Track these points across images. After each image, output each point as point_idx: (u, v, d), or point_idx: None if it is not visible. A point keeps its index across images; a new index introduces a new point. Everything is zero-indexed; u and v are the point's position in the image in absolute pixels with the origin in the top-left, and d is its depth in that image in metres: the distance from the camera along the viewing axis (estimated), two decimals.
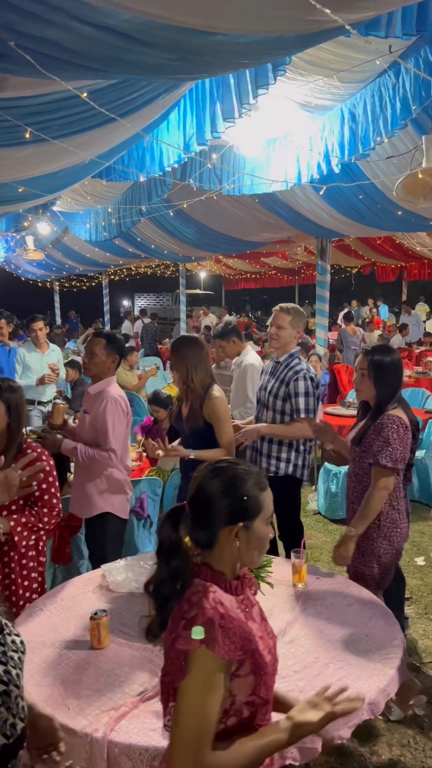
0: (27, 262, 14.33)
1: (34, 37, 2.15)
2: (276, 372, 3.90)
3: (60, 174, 4.69)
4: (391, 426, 3.04)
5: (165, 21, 2.29)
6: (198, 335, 3.86)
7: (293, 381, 3.76)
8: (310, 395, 3.75)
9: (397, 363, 3.20)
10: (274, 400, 3.85)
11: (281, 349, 3.92)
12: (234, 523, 1.52)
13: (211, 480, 1.55)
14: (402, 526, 3.19)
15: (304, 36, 2.47)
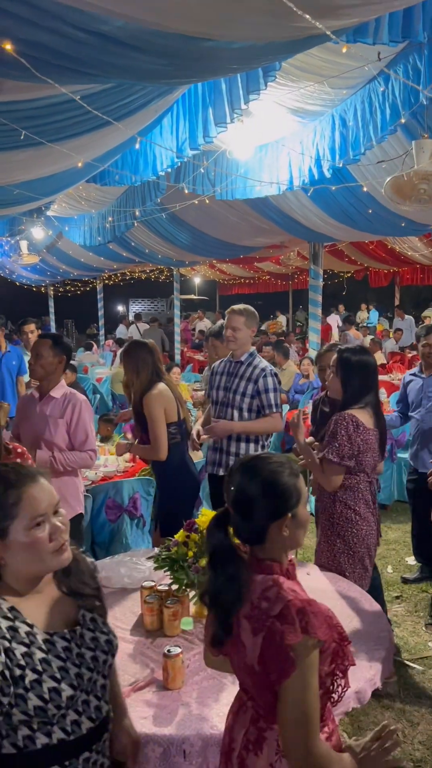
0: (22, 266, 14.37)
1: (29, 41, 2.21)
2: (238, 371, 3.97)
3: (55, 177, 4.75)
4: (341, 422, 3.05)
5: (157, 27, 2.35)
6: (146, 340, 4.01)
7: (262, 378, 3.87)
8: (276, 390, 3.90)
9: (365, 363, 3.20)
10: (241, 399, 3.91)
11: (240, 350, 4.00)
12: (282, 516, 1.57)
13: (250, 481, 1.57)
14: (361, 529, 3.14)
15: (292, 42, 2.53)
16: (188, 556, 2.64)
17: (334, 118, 5.36)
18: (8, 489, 1.44)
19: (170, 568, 2.65)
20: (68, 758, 1.40)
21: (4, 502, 1.44)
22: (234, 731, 1.66)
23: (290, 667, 1.41)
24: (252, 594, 1.53)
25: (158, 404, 3.72)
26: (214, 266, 19.03)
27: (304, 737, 1.42)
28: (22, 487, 1.45)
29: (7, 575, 1.48)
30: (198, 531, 2.68)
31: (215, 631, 1.60)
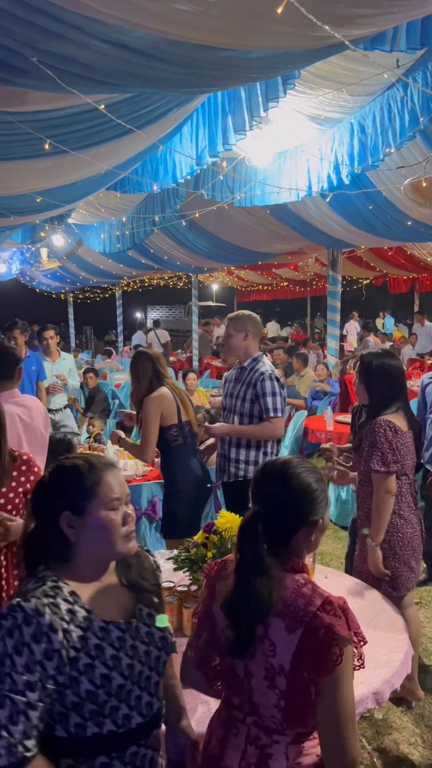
0: (42, 273, 14.55)
1: (54, 53, 2.27)
2: (242, 377, 3.92)
3: (77, 185, 4.83)
4: (378, 430, 3.02)
5: (177, 38, 2.41)
6: (148, 348, 4.08)
7: (259, 382, 3.78)
8: (276, 395, 3.78)
9: (388, 367, 3.14)
10: (241, 404, 3.85)
11: (241, 355, 3.95)
12: (313, 522, 1.60)
13: (282, 487, 1.59)
14: (405, 532, 3.12)
15: (311, 51, 2.57)
16: (208, 557, 2.66)
17: (353, 124, 5.39)
18: (90, 471, 1.53)
19: (190, 569, 2.67)
20: (116, 750, 1.43)
21: (85, 482, 1.51)
22: (226, 760, 1.58)
23: (336, 660, 1.42)
24: (284, 592, 1.52)
25: (155, 406, 3.74)
26: (232, 273, 19.08)
27: (348, 732, 1.44)
28: (102, 471, 1.54)
29: (76, 557, 1.52)
30: (217, 532, 2.71)
31: (235, 643, 1.54)
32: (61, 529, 1.49)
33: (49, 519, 1.50)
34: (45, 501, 1.52)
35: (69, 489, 1.51)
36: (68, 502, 1.50)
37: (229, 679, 1.62)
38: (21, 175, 4.16)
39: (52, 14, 2.11)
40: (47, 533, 1.51)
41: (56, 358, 6.88)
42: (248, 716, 1.56)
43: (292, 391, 8.66)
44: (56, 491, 1.52)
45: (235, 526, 2.72)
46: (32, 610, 1.35)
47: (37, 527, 1.53)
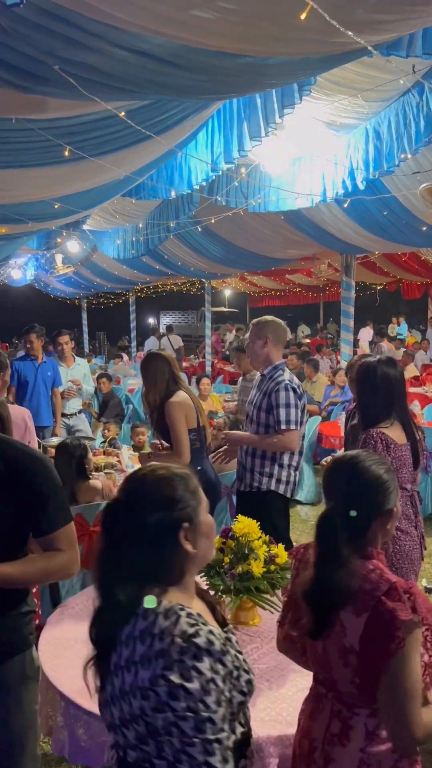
0: (57, 279, 14.65)
1: (75, 61, 2.30)
2: (260, 385, 3.83)
3: (94, 191, 4.87)
4: (369, 442, 2.95)
5: (197, 45, 2.42)
6: (161, 350, 4.01)
7: (274, 392, 3.63)
8: (291, 406, 3.61)
9: (383, 375, 3.04)
10: (257, 413, 3.74)
11: (263, 362, 3.83)
12: (387, 512, 1.67)
13: (358, 480, 1.66)
14: (403, 544, 3.03)
15: (329, 57, 2.58)
16: (225, 562, 2.66)
17: (368, 130, 5.39)
18: (186, 476, 1.45)
19: (207, 574, 2.67)
20: (237, 760, 1.37)
21: (192, 488, 1.43)
22: (312, 732, 1.71)
23: (398, 644, 1.48)
24: (355, 578, 1.60)
25: (179, 410, 3.70)
26: (245, 278, 19.10)
27: (408, 713, 1.49)
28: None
29: (187, 573, 1.41)
30: (234, 537, 2.71)
31: (312, 627, 1.65)
32: (178, 546, 1.37)
33: (165, 538, 1.37)
34: (157, 521, 1.36)
35: (183, 499, 1.39)
36: (184, 513, 1.38)
37: (312, 655, 1.74)
38: (39, 181, 4.21)
39: (74, 23, 2.14)
40: (161, 555, 1.37)
41: (71, 363, 6.91)
42: (330, 691, 1.68)
43: (305, 396, 8.66)
44: (169, 505, 1.38)
45: (252, 532, 2.72)
46: (205, 643, 1.25)
47: (144, 553, 1.36)
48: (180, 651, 1.24)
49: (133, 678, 1.26)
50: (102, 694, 1.37)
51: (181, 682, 1.21)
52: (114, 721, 1.32)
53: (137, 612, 1.31)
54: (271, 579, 2.63)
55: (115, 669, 1.30)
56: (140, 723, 1.26)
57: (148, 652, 1.26)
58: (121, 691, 1.28)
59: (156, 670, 1.23)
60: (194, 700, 1.21)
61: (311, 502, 6.99)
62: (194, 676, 1.22)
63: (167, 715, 1.22)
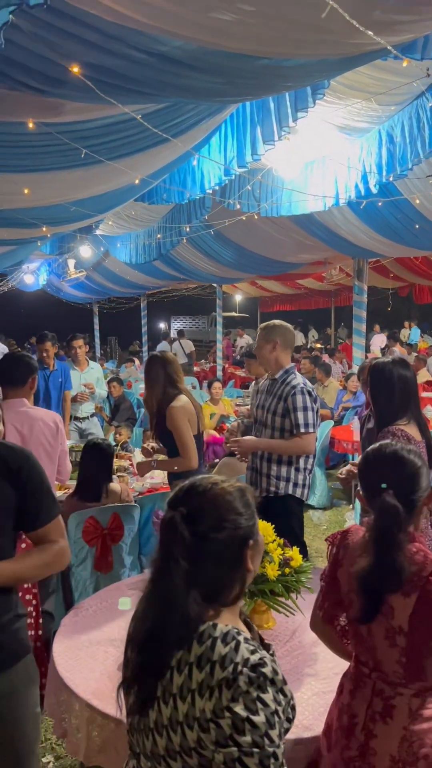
0: (69, 284, 14.72)
1: (93, 64, 2.32)
2: (273, 389, 3.80)
3: (109, 195, 4.90)
4: (388, 437, 2.93)
5: (214, 47, 2.43)
6: (163, 352, 3.97)
7: (291, 396, 3.64)
8: (308, 409, 3.64)
9: (398, 376, 3.05)
10: (273, 417, 3.73)
11: (273, 366, 3.83)
12: (430, 494, 1.81)
13: (400, 469, 1.78)
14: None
15: (346, 59, 2.58)
16: None
17: (381, 134, 5.39)
18: (248, 489, 1.39)
19: None
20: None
21: (251, 503, 1.36)
22: (354, 707, 1.77)
23: None
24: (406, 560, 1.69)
25: (183, 415, 3.67)
26: (256, 283, 19.10)
27: None
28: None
29: (244, 588, 1.35)
30: None
31: (363, 611, 1.71)
32: (242, 565, 1.31)
33: (232, 556, 1.30)
34: (227, 538, 1.29)
35: (246, 515, 1.33)
36: (248, 531, 1.32)
37: (355, 637, 1.82)
38: (55, 185, 4.24)
39: (93, 26, 2.15)
40: (226, 574, 1.30)
41: (84, 367, 6.95)
42: (373, 671, 1.75)
43: (318, 399, 8.67)
44: (237, 521, 1.31)
45: (266, 534, 2.71)
46: (271, 673, 1.19)
47: (209, 571, 1.28)
48: (248, 681, 1.17)
49: (189, 707, 1.19)
50: (140, 720, 1.30)
51: (247, 715, 1.15)
52: (157, 750, 1.24)
53: (192, 636, 1.24)
54: (286, 582, 2.62)
55: (165, 696, 1.23)
56: (193, 756, 1.19)
57: (208, 680, 1.19)
58: (172, 720, 1.21)
59: (221, 701, 1.17)
60: (260, 734, 1.15)
61: (323, 506, 6.96)
62: (260, 708, 1.16)
63: (231, 751, 1.15)
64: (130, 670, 1.32)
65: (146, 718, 1.27)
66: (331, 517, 6.76)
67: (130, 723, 1.35)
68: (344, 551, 1.86)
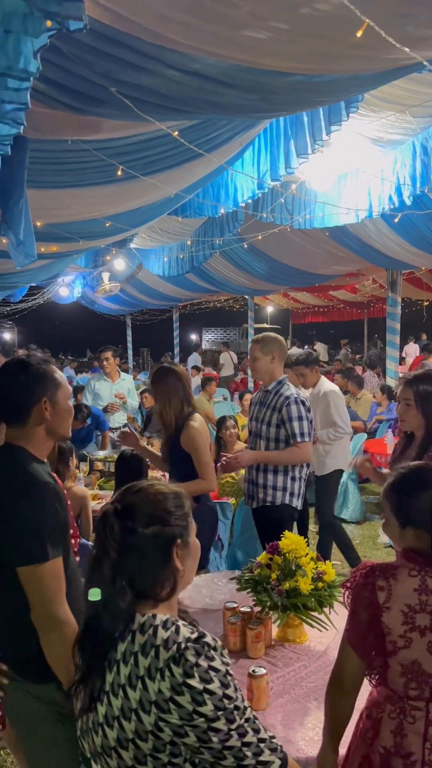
0: (103, 297, 14.93)
1: (131, 83, 2.37)
2: (266, 400, 3.83)
3: (143, 209, 4.98)
4: None
5: (248, 64, 2.47)
6: (175, 365, 3.81)
7: (285, 407, 3.68)
8: (303, 419, 3.69)
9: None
10: (267, 428, 3.76)
11: (266, 378, 3.85)
12: None
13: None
14: None
15: (380, 74, 2.59)
16: (271, 578, 2.65)
17: (416, 145, 5.37)
18: (186, 496, 1.49)
19: (254, 590, 2.66)
20: None
21: (186, 508, 1.45)
22: (406, 746, 1.72)
23: None
24: None
25: (203, 435, 3.55)
26: (288, 295, 19.10)
27: None
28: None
29: (179, 588, 1.42)
30: (281, 553, 2.69)
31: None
32: (170, 561, 1.38)
33: (159, 552, 1.38)
34: (153, 534, 1.37)
35: (176, 515, 1.41)
36: (176, 530, 1.40)
37: (409, 674, 1.72)
38: (91, 200, 4.33)
39: (130, 46, 2.21)
40: (154, 569, 1.37)
41: (116, 378, 7.04)
42: (429, 702, 1.71)
43: (351, 413, 8.58)
44: (164, 520, 1.39)
45: (299, 548, 2.70)
46: (212, 640, 1.29)
47: (138, 565, 1.35)
48: (196, 653, 1.24)
49: (142, 693, 1.24)
50: (88, 719, 1.34)
51: (203, 686, 1.22)
52: (107, 743, 1.28)
53: (132, 628, 1.30)
54: (319, 596, 2.60)
55: (114, 688, 1.28)
56: (148, 739, 1.24)
57: (155, 663, 1.25)
58: (124, 708, 1.26)
59: (175, 678, 1.22)
60: (218, 698, 1.23)
61: (356, 520, 6.88)
62: (213, 676, 1.24)
63: (198, 722, 1.22)
64: (78, 670, 1.38)
65: (95, 713, 1.32)
66: (364, 531, 6.68)
67: (80, 727, 1.39)
68: (388, 595, 1.75)
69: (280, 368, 3.88)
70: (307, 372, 5.02)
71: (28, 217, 3.05)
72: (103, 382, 6.92)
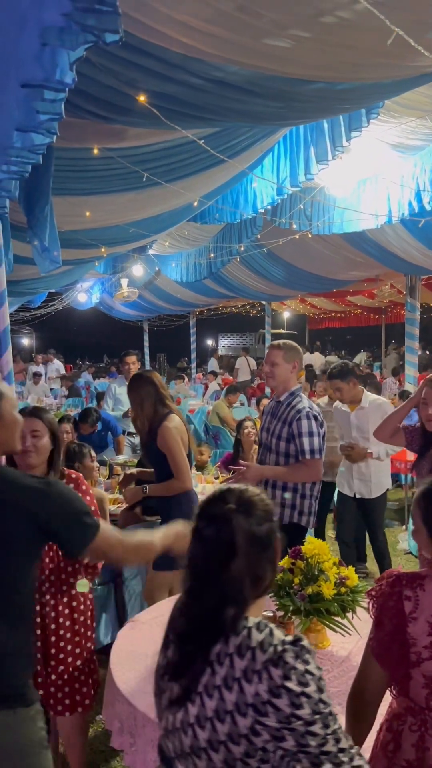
0: (121, 303, 15.03)
1: (157, 92, 2.41)
2: (278, 412, 3.63)
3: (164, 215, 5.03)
4: None
5: (271, 72, 2.50)
6: (148, 371, 3.81)
7: (296, 421, 3.47)
8: (314, 435, 3.48)
9: None
10: (277, 442, 3.57)
11: (281, 387, 3.65)
12: None
13: None
14: None
15: (403, 80, 2.61)
16: (294, 582, 2.65)
17: None
18: None
19: (276, 594, 2.66)
20: None
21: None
22: (430, 758, 1.67)
23: None
24: None
25: (176, 434, 3.51)
26: (305, 300, 19.07)
27: None
28: None
29: (274, 578, 1.46)
30: (304, 558, 2.69)
31: None
32: (276, 557, 1.40)
33: (270, 549, 1.39)
34: (268, 529, 1.39)
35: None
36: (276, 526, 1.43)
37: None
38: (114, 207, 4.38)
39: (157, 56, 2.24)
40: (265, 566, 1.37)
41: None
42: None
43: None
44: (272, 516, 1.42)
45: (322, 553, 2.70)
46: (308, 644, 1.28)
47: (252, 563, 1.34)
48: (294, 655, 1.24)
49: (239, 695, 1.23)
50: (175, 719, 1.33)
51: (301, 689, 1.22)
52: (197, 743, 1.28)
53: (229, 628, 1.29)
54: (342, 601, 2.59)
55: (208, 689, 1.27)
56: (241, 743, 1.23)
57: (251, 665, 1.24)
58: (219, 710, 1.25)
59: (274, 680, 1.22)
60: (315, 702, 1.23)
61: None
62: (310, 680, 1.23)
63: (296, 726, 1.22)
64: (170, 668, 1.36)
65: (185, 714, 1.30)
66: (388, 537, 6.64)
67: (164, 726, 1.38)
68: (415, 605, 1.71)
69: (296, 379, 3.72)
70: (344, 386, 4.63)
71: (53, 224, 3.10)
72: (124, 387, 6.95)
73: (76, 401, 13.47)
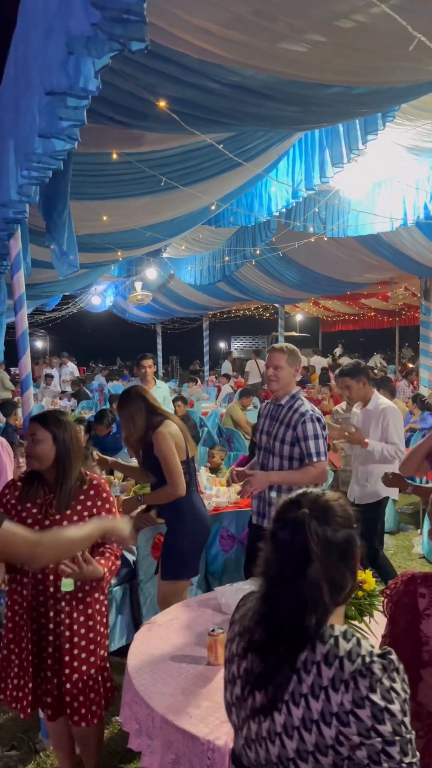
0: (135, 306, 15.09)
1: (176, 97, 2.43)
2: (279, 415, 3.64)
3: (180, 219, 5.05)
4: None
5: (289, 77, 2.51)
6: (134, 387, 3.80)
7: (300, 424, 3.49)
8: (319, 437, 3.51)
9: None
10: (281, 446, 3.57)
11: (282, 390, 3.65)
12: None
13: None
14: None
15: (420, 84, 2.60)
16: None
17: None
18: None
19: None
20: None
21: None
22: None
23: None
24: None
25: (169, 440, 3.51)
26: (318, 303, 19.03)
27: None
28: None
29: (355, 586, 1.41)
30: None
31: None
32: (355, 565, 1.35)
33: (350, 556, 1.34)
34: (347, 536, 1.35)
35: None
36: (357, 533, 1.38)
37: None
38: (131, 211, 4.41)
39: (176, 61, 2.26)
40: (344, 574, 1.33)
41: (152, 386, 7.07)
42: None
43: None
44: (351, 523, 1.37)
45: None
46: (397, 660, 1.25)
47: (332, 571, 1.31)
48: (383, 668, 1.21)
49: (325, 704, 1.21)
50: (260, 728, 1.31)
51: (384, 704, 1.19)
52: (285, 753, 1.26)
53: (314, 636, 1.27)
54: (359, 605, 2.59)
55: (294, 697, 1.25)
56: (329, 754, 1.21)
57: (339, 674, 1.22)
58: (305, 719, 1.23)
59: (360, 691, 1.20)
60: (397, 722, 1.19)
61: (390, 530, 6.80)
62: (394, 697, 1.20)
63: (374, 742, 1.18)
64: (252, 677, 1.34)
65: (272, 723, 1.29)
66: (398, 542, 6.60)
67: (245, 736, 1.35)
68: (429, 603, 1.71)
69: (295, 382, 3.72)
70: (353, 384, 4.57)
71: (71, 228, 3.13)
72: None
73: (89, 404, 13.52)
